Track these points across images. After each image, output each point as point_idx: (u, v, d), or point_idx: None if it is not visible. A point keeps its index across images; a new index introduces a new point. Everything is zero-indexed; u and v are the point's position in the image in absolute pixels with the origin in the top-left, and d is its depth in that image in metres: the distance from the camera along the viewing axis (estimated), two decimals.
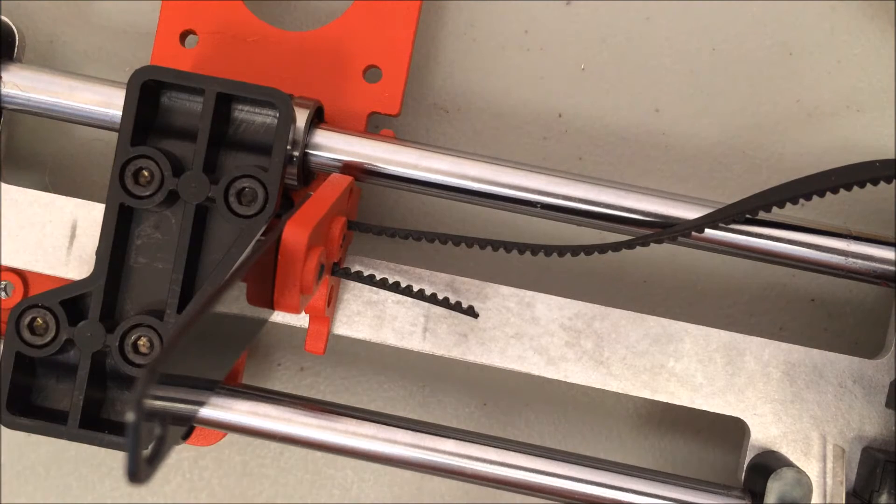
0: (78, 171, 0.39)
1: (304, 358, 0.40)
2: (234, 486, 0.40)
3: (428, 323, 0.35)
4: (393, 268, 0.35)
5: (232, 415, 0.33)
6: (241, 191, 0.31)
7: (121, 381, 0.33)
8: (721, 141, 0.39)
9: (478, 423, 0.39)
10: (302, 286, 0.28)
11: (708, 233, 0.33)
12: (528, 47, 0.39)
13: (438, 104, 0.39)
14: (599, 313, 0.35)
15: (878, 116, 0.39)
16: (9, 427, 0.32)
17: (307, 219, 0.29)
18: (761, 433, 0.34)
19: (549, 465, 0.33)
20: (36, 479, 0.40)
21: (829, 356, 0.35)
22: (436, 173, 0.34)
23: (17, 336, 0.32)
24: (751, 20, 0.39)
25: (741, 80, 0.39)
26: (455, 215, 0.39)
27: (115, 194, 0.32)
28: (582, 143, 0.39)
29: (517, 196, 0.34)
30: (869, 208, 0.38)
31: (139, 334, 0.32)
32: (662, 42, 0.39)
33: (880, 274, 0.34)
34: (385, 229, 0.33)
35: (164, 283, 0.32)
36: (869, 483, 0.33)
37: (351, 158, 0.34)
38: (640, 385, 0.35)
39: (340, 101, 0.35)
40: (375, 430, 0.33)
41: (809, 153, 0.39)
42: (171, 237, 0.32)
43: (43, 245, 0.35)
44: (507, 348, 0.35)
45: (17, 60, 0.35)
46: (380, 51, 0.35)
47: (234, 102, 0.33)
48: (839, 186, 0.31)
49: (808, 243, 0.33)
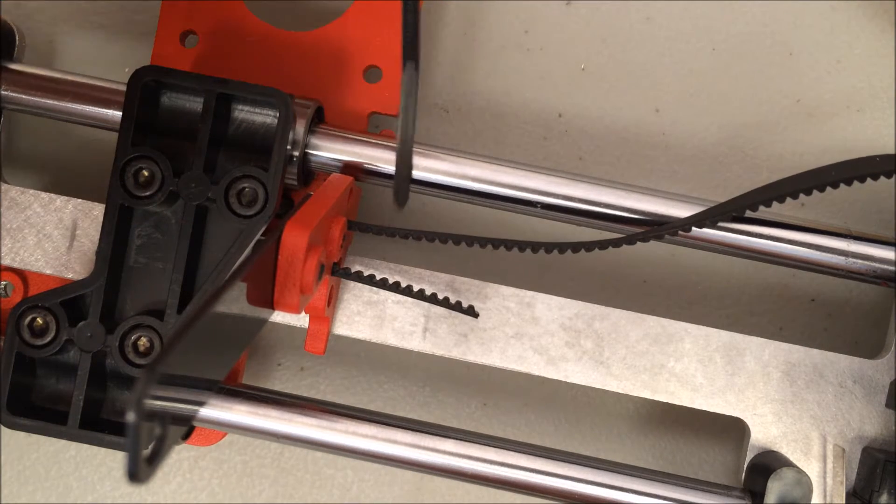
0: (78, 171, 0.39)
1: (304, 358, 0.40)
2: (234, 486, 0.40)
3: (428, 323, 0.35)
4: (393, 268, 0.35)
5: (232, 415, 0.33)
6: (241, 191, 0.31)
7: (121, 381, 0.33)
8: (721, 141, 0.39)
9: (478, 423, 0.39)
10: (302, 286, 0.28)
11: (708, 233, 0.33)
12: (528, 47, 0.39)
13: (438, 104, 0.39)
14: (599, 313, 0.35)
15: (878, 116, 0.39)
16: (9, 427, 0.32)
17: (307, 219, 0.29)
18: (761, 433, 0.34)
19: (549, 465, 0.33)
20: (36, 479, 0.40)
21: (829, 356, 0.35)
22: (436, 173, 0.34)
23: (17, 336, 0.32)
24: (751, 20, 0.39)
25: (741, 80, 0.39)
26: (455, 215, 0.39)
27: (115, 194, 0.32)
28: (582, 143, 0.39)
29: (517, 196, 0.34)
30: (869, 208, 0.38)
31: (139, 334, 0.32)
32: (662, 42, 0.39)
33: (880, 274, 0.34)
34: (385, 229, 0.33)
35: (164, 283, 0.32)
36: (869, 483, 0.33)
37: (351, 158, 0.34)
38: (640, 385, 0.35)
39: (340, 101, 0.35)
40: (375, 430, 0.33)
41: (809, 153, 0.39)
42: (170, 237, 0.32)
43: (43, 245, 0.35)
44: (507, 348, 0.35)
45: (17, 60, 0.35)
46: (380, 51, 0.35)
47: (234, 102, 0.33)
48: (839, 181, 0.31)
49: (808, 243, 0.33)
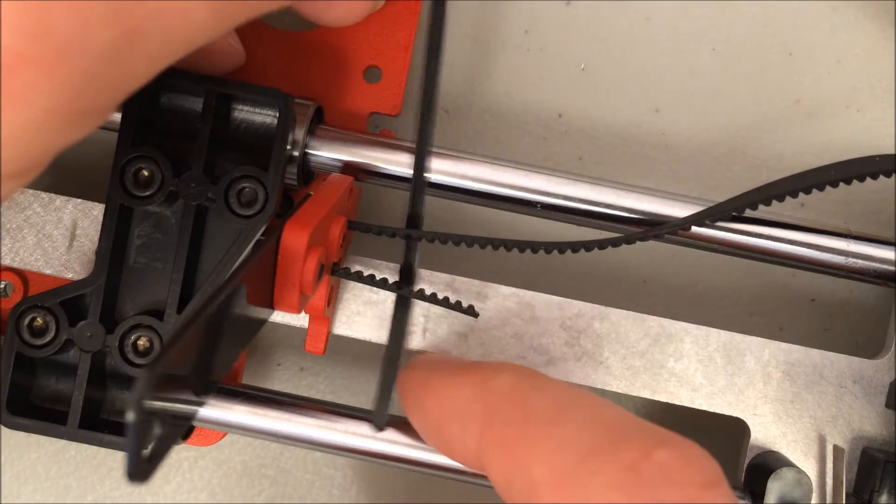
0: (78, 171, 0.39)
1: (304, 358, 0.40)
2: (234, 486, 0.40)
3: (428, 323, 0.35)
4: (393, 268, 0.35)
5: (232, 415, 0.33)
6: (241, 191, 0.31)
7: (121, 381, 0.33)
8: (721, 141, 0.39)
9: None
10: (302, 286, 0.28)
11: (708, 233, 0.33)
12: (528, 47, 0.39)
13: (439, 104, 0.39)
14: (599, 313, 0.35)
15: (878, 116, 0.39)
16: (9, 427, 0.32)
17: (307, 219, 0.29)
18: (761, 433, 0.35)
19: None
20: (36, 479, 0.40)
21: (829, 356, 0.35)
22: (436, 173, 0.34)
23: (17, 336, 0.32)
24: (751, 20, 0.39)
25: (741, 80, 0.39)
26: (455, 215, 0.39)
27: (115, 194, 0.32)
28: (582, 143, 0.39)
29: (517, 196, 0.34)
30: (869, 208, 0.38)
31: (139, 334, 0.32)
32: (662, 42, 0.39)
33: (880, 274, 0.34)
34: (385, 229, 0.33)
35: (163, 283, 0.32)
36: (869, 483, 0.33)
37: (351, 158, 0.34)
38: (640, 385, 0.35)
39: (340, 101, 0.35)
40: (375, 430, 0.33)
41: (809, 153, 0.39)
42: (170, 237, 0.32)
43: (43, 245, 0.35)
44: (507, 348, 0.35)
45: None
46: (380, 51, 0.35)
47: (234, 102, 0.33)
48: (838, 180, 0.31)
49: (808, 243, 0.33)
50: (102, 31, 0.21)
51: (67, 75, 0.21)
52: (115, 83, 0.22)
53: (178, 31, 0.22)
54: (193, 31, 0.23)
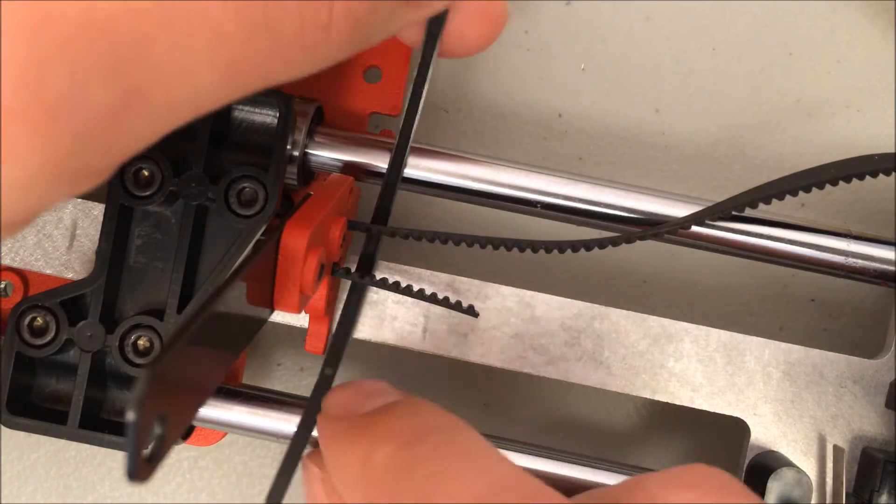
0: None
1: (304, 358, 0.40)
2: (234, 486, 0.40)
3: (428, 323, 0.35)
4: (393, 268, 0.35)
5: (232, 415, 0.33)
6: (241, 191, 0.31)
7: (121, 381, 0.33)
8: (721, 141, 0.39)
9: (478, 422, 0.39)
10: (302, 286, 0.28)
11: (708, 232, 0.33)
12: (528, 47, 0.39)
13: (438, 104, 0.39)
14: (599, 313, 0.35)
15: (878, 116, 0.39)
16: (9, 427, 0.32)
17: (307, 219, 0.29)
18: (761, 433, 0.34)
19: (550, 464, 0.33)
20: (36, 479, 0.40)
21: (829, 356, 0.35)
22: (436, 173, 0.34)
23: (17, 336, 0.32)
24: (751, 20, 0.39)
25: (741, 80, 0.39)
26: (455, 215, 0.39)
27: (115, 194, 0.32)
28: (582, 143, 0.39)
29: (517, 196, 0.34)
30: (869, 208, 0.38)
31: (139, 334, 0.32)
32: (662, 42, 0.39)
33: (880, 274, 0.34)
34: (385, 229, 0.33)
35: (164, 282, 0.32)
36: (869, 483, 0.33)
37: (351, 158, 0.34)
38: (640, 385, 0.35)
39: (340, 101, 0.35)
40: None
41: (810, 153, 0.39)
42: (170, 237, 0.32)
43: (43, 245, 0.35)
44: (507, 348, 0.35)
45: None
46: (380, 51, 0.35)
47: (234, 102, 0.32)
48: (838, 179, 0.31)
49: (808, 243, 0.33)
50: (100, 89, 0.19)
51: (59, 134, 0.19)
52: (113, 145, 0.20)
53: (183, 93, 0.21)
54: (201, 96, 0.21)
